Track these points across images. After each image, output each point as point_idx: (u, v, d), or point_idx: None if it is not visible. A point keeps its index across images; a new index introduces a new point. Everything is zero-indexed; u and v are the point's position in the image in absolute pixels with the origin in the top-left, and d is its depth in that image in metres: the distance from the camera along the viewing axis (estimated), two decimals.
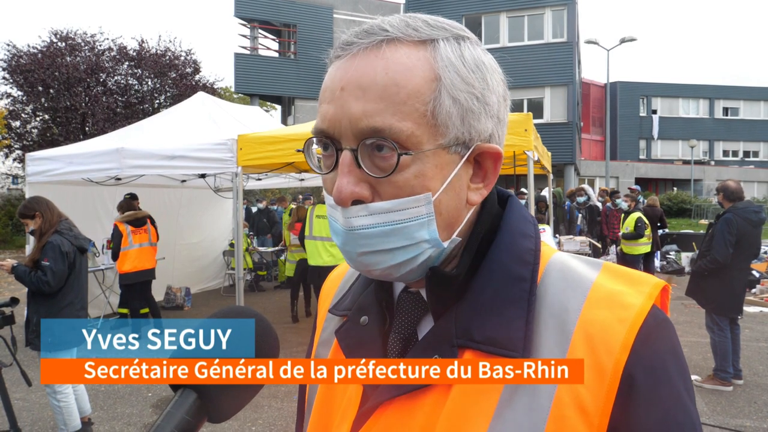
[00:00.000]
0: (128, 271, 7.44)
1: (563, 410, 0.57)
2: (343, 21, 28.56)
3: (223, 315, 0.65)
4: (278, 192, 17.42)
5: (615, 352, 0.58)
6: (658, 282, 0.64)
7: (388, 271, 0.65)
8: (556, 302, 0.63)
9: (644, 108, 38.08)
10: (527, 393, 0.59)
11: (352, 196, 0.62)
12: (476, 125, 0.64)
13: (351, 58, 0.63)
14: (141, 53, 21.64)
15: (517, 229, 0.69)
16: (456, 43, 0.64)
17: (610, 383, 0.57)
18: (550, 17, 24.34)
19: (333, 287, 0.89)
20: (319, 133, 0.65)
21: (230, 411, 0.62)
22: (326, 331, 0.82)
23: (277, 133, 6.49)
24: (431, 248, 0.64)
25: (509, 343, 0.61)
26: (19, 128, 20.94)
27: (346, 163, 0.62)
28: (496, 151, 0.67)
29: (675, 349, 0.62)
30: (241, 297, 6.74)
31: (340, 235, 0.65)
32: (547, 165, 8.34)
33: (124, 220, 7.45)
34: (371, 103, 0.60)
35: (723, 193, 5.43)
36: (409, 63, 0.61)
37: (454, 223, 0.66)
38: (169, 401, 0.59)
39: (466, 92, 0.63)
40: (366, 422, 0.66)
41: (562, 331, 0.61)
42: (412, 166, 0.61)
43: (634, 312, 0.60)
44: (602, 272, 0.66)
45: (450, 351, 0.63)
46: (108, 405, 5.20)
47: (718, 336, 5.39)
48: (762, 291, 10.11)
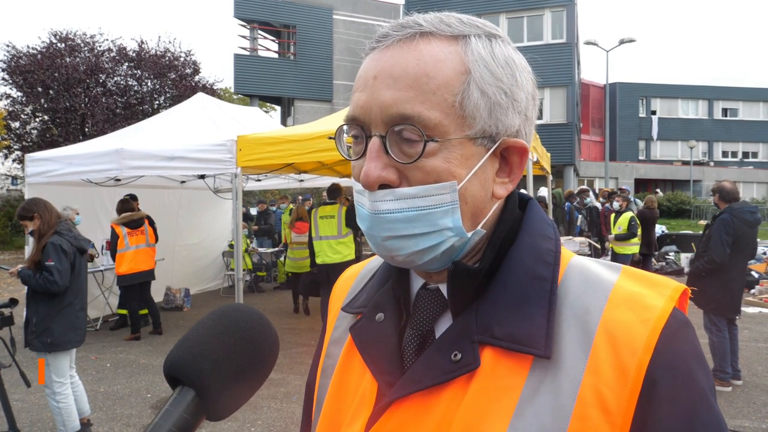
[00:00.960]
0: (125, 272, 7.45)
1: (586, 409, 0.57)
2: (342, 22, 28.60)
3: (221, 313, 0.65)
4: (278, 193, 17.41)
5: (638, 352, 0.58)
6: (678, 285, 0.65)
7: (411, 258, 0.66)
8: (578, 302, 0.63)
9: (643, 109, 38.11)
10: (550, 391, 0.59)
11: (379, 179, 0.63)
12: (503, 119, 0.66)
13: (385, 49, 0.65)
14: (140, 54, 21.64)
15: (538, 231, 0.70)
16: (487, 40, 0.66)
17: (633, 383, 0.57)
18: (550, 18, 24.36)
19: (346, 286, 0.89)
20: (351, 120, 0.67)
21: (229, 409, 0.62)
22: (338, 330, 0.82)
23: (276, 134, 6.49)
24: (454, 237, 0.65)
25: (531, 340, 0.61)
26: (18, 129, 20.93)
27: (375, 149, 0.63)
28: (523, 146, 0.68)
29: (697, 350, 0.62)
30: (240, 298, 6.74)
31: (366, 219, 0.66)
32: (547, 166, 8.35)
33: (121, 222, 7.45)
34: (402, 92, 0.62)
35: (719, 194, 5.45)
36: (441, 55, 0.63)
37: (478, 214, 0.67)
38: (167, 399, 0.59)
39: (495, 86, 0.64)
40: (380, 418, 0.66)
41: (585, 331, 0.61)
42: (438, 154, 0.63)
43: (657, 313, 0.60)
44: (622, 275, 0.67)
45: (470, 347, 0.63)
46: (107, 406, 5.20)
47: (716, 336, 5.39)
48: (761, 292, 10.11)
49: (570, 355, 0.60)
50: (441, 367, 0.64)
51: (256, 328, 0.64)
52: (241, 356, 0.62)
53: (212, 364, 0.59)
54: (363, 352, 0.73)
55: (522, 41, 24.74)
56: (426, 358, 0.66)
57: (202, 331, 0.62)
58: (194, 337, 0.62)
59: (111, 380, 5.90)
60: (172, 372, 0.60)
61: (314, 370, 0.85)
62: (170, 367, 0.60)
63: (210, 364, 0.59)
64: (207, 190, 9.15)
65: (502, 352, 0.62)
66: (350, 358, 0.77)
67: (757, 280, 10.62)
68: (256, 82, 27.21)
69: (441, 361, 0.64)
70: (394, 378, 0.68)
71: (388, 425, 0.65)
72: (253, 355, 0.63)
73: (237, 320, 0.64)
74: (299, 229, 8.71)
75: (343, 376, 0.76)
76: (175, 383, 0.60)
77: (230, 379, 0.61)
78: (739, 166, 37.58)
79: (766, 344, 7.01)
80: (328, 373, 0.79)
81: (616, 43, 23.92)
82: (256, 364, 0.63)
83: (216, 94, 22.60)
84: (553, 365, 0.60)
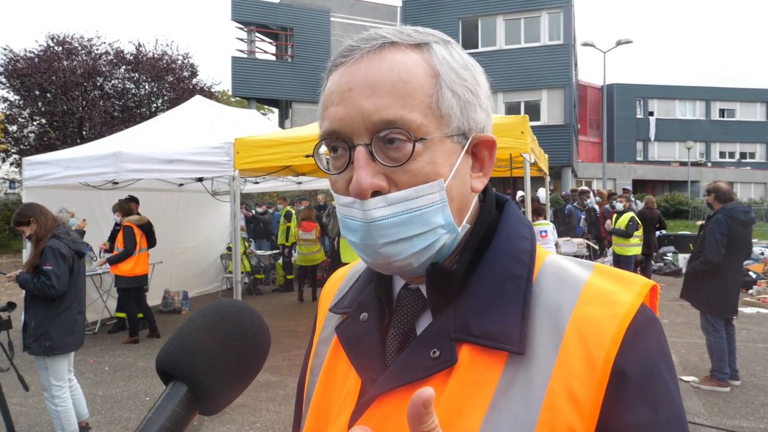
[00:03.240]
0: (139, 274, 7.50)
1: (556, 400, 0.60)
2: (339, 24, 28.61)
3: (213, 309, 0.65)
4: (275, 195, 17.41)
5: (606, 345, 0.61)
6: (647, 282, 0.67)
7: (409, 261, 0.67)
8: (551, 300, 0.66)
9: (641, 110, 38.16)
10: (522, 385, 0.61)
11: (371, 187, 0.65)
12: (473, 116, 0.70)
13: (355, 62, 0.67)
14: (138, 57, 21.63)
15: (514, 231, 0.73)
16: (445, 45, 0.70)
17: (601, 375, 0.60)
18: (547, 20, 24.39)
19: (334, 288, 0.92)
20: (330, 135, 0.68)
21: (221, 403, 0.62)
22: (326, 330, 0.85)
23: (274, 137, 6.50)
24: (446, 233, 0.68)
25: (506, 337, 0.63)
26: (16, 132, 20.89)
27: (362, 158, 0.65)
28: (491, 140, 0.73)
29: (662, 346, 0.64)
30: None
31: (359, 230, 0.67)
32: (544, 167, 8.35)
33: (137, 224, 7.47)
34: (382, 98, 0.64)
35: (714, 194, 5.46)
36: (411, 62, 0.66)
37: (463, 209, 0.70)
38: (160, 395, 0.59)
39: (462, 86, 0.68)
40: (364, 413, 0.68)
41: (556, 327, 0.63)
42: (424, 154, 0.65)
43: (625, 309, 0.63)
44: (594, 273, 0.69)
45: (448, 345, 0.65)
46: (106, 409, 5.19)
47: (713, 337, 5.40)
48: (759, 292, 10.13)
49: (542, 350, 0.62)
50: (420, 364, 0.66)
51: (247, 323, 0.65)
52: (233, 351, 0.62)
53: (204, 359, 0.60)
54: (348, 350, 0.75)
55: (519, 43, 24.79)
56: (406, 355, 0.68)
57: (194, 326, 0.63)
58: (186, 332, 0.62)
59: (109, 383, 5.89)
60: (165, 367, 0.60)
61: (304, 369, 0.87)
62: (162, 362, 0.60)
63: (202, 359, 0.60)
64: (205, 193, 9.14)
65: (479, 349, 0.65)
66: (336, 356, 0.79)
67: (755, 280, 10.63)
68: (253, 84, 27.20)
69: (420, 358, 0.66)
70: (377, 375, 0.70)
71: (372, 420, 0.67)
72: (245, 349, 0.64)
73: (228, 315, 0.64)
74: (306, 228, 9.87)
75: (329, 374, 0.79)
76: (167, 378, 0.60)
77: (222, 374, 0.61)
78: (736, 166, 37.64)
79: (764, 344, 7.02)
80: (316, 371, 0.82)
81: (613, 44, 23.95)
82: (248, 359, 0.64)
83: (214, 97, 22.57)
84: (527, 360, 0.62)
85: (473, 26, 25.31)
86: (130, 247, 7.31)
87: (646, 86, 38.37)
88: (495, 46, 24.99)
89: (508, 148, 5.44)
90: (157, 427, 0.56)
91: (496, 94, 24.56)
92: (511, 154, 6.33)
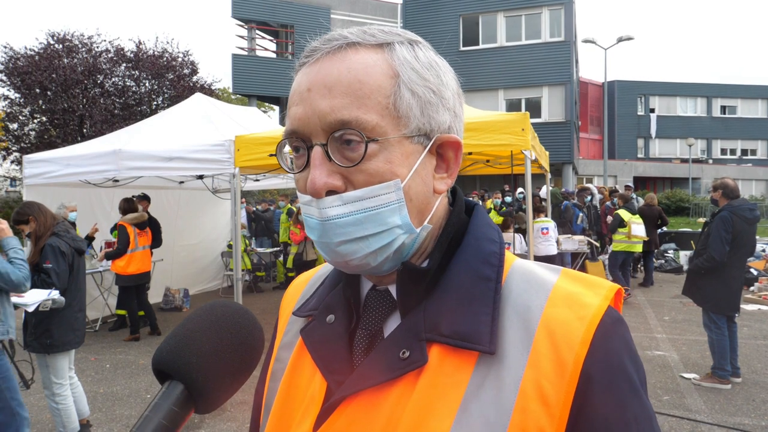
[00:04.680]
0: (133, 273, 7.49)
1: (527, 402, 0.60)
2: (340, 21, 28.57)
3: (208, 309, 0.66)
4: (276, 192, 17.42)
5: (575, 347, 0.61)
6: (612, 285, 0.69)
7: (366, 260, 0.67)
8: (520, 301, 0.67)
9: (642, 107, 38.13)
10: (493, 386, 0.62)
11: (325, 186, 0.65)
12: (435, 116, 0.69)
13: (315, 63, 0.67)
14: (138, 55, 21.63)
15: (483, 234, 0.74)
16: (410, 45, 0.70)
17: (571, 377, 0.60)
18: (548, 17, 24.35)
19: (297, 292, 0.90)
20: (290, 134, 0.69)
21: (217, 402, 0.63)
22: (289, 334, 0.84)
23: (274, 134, 6.49)
24: (404, 234, 0.67)
25: (476, 337, 0.63)
26: (16, 130, 20.92)
27: (318, 157, 0.65)
28: (456, 141, 0.72)
29: (629, 346, 0.65)
30: (239, 298, 6.74)
31: (317, 228, 0.68)
32: (545, 164, 8.34)
33: (132, 222, 7.47)
34: (337, 99, 0.64)
35: (722, 191, 5.41)
36: (370, 62, 0.66)
37: (424, 210, 0.70)
38: (157, 393, 0.60)
39: (423, 86, 0.68)
40: (330, 417, 0.67)
41: (526, 328, 0.64)
42: (379, 155, 0.65)
43: (593, 311, 0.64)
44: (562, 276, 0.71)
45: (418, 345, 0.65)
46: (106, 407, 5.20)
47: (715, 334, 5.40)
48: (760, 289, 10.13)
49: (512, 351, 0.63)
50: (389, 364, 0.65)
51: (241, 323, 0.66)
52: (228, 350, 0.63)
53: (200, 359, 0.61)
54: (313, 352, 0.74)
55: (520, 40, 24.75)
56: (375, 355, 0.68)
57: (190, 326, 0.64)
58: (182, 332, 0.63)
59: (110, 381, 5.90)
60: (161, 366, 0.61)
61: (263, 376, 0.85)
62: (159, 361, 0.61)
63: (197, 358, 0.61)
64: (205, 191, 9.13)
65: (449, 349, 0.65)
66: (300, 360, 0.78)
67: (756, 277, 10.63)
68: (254, 82, 27.17)
69: (389, 359, 0.66)
70: (343, 377, 0.69)
71: (337, 423, 0.66)
72: (240, 349, 0.65)
73: (223, 315, 0.65)
74: None
75: (292, 378, 0.77)
76: (163, 378, 0.61)
77: (218, 373, 0.62)
78: (737, 163, 37.60)
79: (765, 341, 7.02)
80: (278, 377, 0.80)
81: (615, 41, 23.92)
82: (242, 358, 0.65)
83: (214, 95, 22.60)
84: (497, 361, 0.63)
85: (474, 23, 25.26)
86: (121, 247, 7.33)
87: (647, 83, 38.32)
88: (496, 43, 24.96)
89: (508, 145, 5.41)
90: (154, 425, 0.57)
91: (496, 91, 24.60)
92: (512, 151, 6.31)
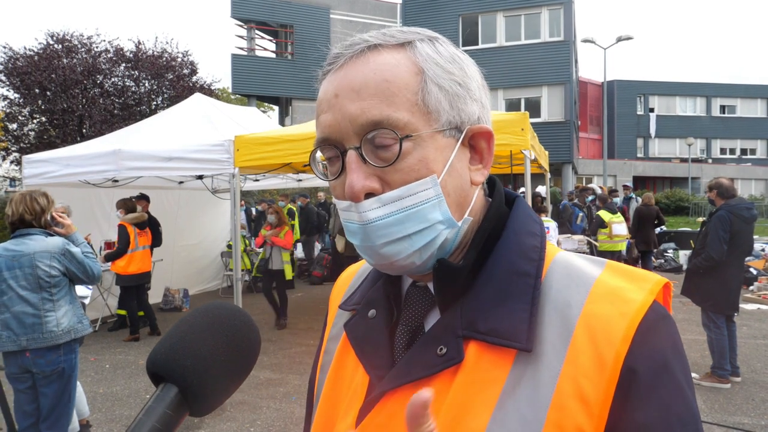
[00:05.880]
0: (133, 272, 7.49)
1: (564, 400, 0.59)
2: (339, 21, 28.56)
3: (203, 311, 0.65)
4: (276, 192, 17.41)
5: (616, 343, 0.60)
6: (660, 279, 0.66)
7: (411, 260, 0.67)
8: (560, 297, 0.65)
9: (641, 106, 38.12)
10: (530, 384, 0.61)
11: (364, 189, 0.65)
12: (464, 108, 0.69)
13: (339, 69, 0.68)
14: (138, 55, 21.58)
15: (524, 228, 0.72)
16: (430, 42, 0.70)
17: (611, 374, 0.59)
18: (547, 16, 24.35)
19: (344, 285, 0.92)
20: (322, 142, 0.69)
21: (211, 405, 0.62)
22: (336, 326, 0.85)
23: (274, 134, 6.49)
24: (446, 228, 0.67)
25: (513, 334, 0.63)
26: (16, 131, 20.87)
27: (353, 161, 0.65)
28: (487, 131, 0.72)
29: (675, 344, 0.63)
30: (239, 298, 6.74)
31: (358, 233, 0.68)
32: (545, 164, 8.35)
33: (132, 222, 7.47)
34: (366, 101, 0.64)
35: (717, 191, 5.43)
36: (393, 61, 0.66)
37: (463, 203, 0.70)
38: (151, 396, 0.59)
39: (449, 80, 0.68)
40: (371, 411, 0.68)
41: (565, 325, 0.63)
42: (413, 152, 0.65)
43: (636, 306, 0.62)
44: (606, 270, 0.69)
45: (455, 342, 0.65)
46: (106, 407, 5.19)
47: (714, 333, 5.40)
48: (759, 288, 10.13)
49: (550, 348, 0.62)
50: (427, 361, 0.65)
51: (237, 325, 0.65)
52: (223, 353, 0.62)
53: (195, 361, 0.60)
54: (356, 347, 0.75)
55: (519, 39, 24.74)
56: (413, 352, 0.68)
57: (184, 328, 0.63)
58: (176, 334, 0.62)
59: (110, 381, 5.89)
60: (155, 369, 0.60)
61: (315, 366, 0.88)
62: (153, 364, 0.60)
63: (192, 360, 0.60)
64: (205, 191, 9.13)
65: (486, 346, 0.64)
66: (345, 353, 0.79)
67: (756, 276, 10.63)
68: (253, 82, 27.16)
69: (427, 355, 0.66)
70: (384, 372, 0.70)
71: (379, 417, 0.67)
72: (236, 351, 0.64)
73: (219, 317, 0.64)
74: None
75: (338, 371, 0.79)
76: (158, 380, 0.60)
77: (213, 376, 0.61)
78: (737, 163, 37.59)
79: (764, 341, 7.02)
80: (326, 368, 0.82)
81: (614, 40, 23.90)
82: (238, 361, 0.64)
83: (213, 95, 22.56)
84: (534, 358, 0.62)
85: (473, 23, 25.25)
86: (121, 247, 7.33)
87: (646, 83, 38.31)
88: (495, 42, 24.95)
89: (508, 145, 5.43)
90: (147, 429, 0.56)
91: (496, 91, 24.57)
92: (511, 151, 6.32)
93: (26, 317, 3.37)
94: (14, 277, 3.35)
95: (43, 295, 3.41)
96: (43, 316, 3.40)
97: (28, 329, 3.37)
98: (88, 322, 3.74)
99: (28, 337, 3.37)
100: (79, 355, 3.68)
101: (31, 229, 3.46)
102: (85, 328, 3.63)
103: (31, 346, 3.37)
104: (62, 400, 3.53)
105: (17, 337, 3.36)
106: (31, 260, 3.37)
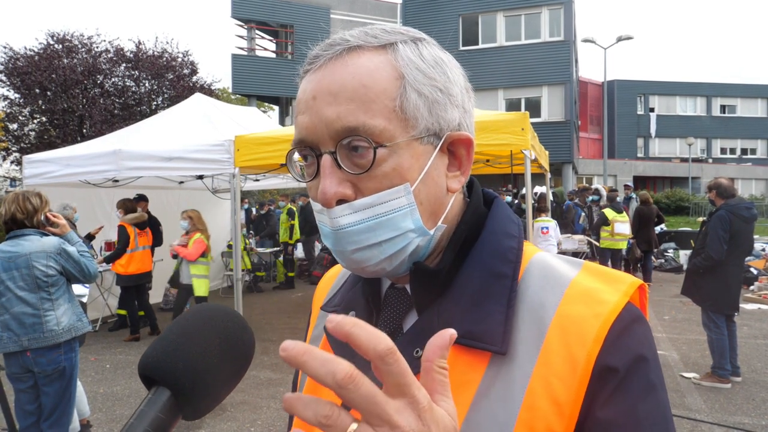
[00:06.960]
0: (134, 272, 7.49)
1: (536, 400, 0.59)
2: (340, 21, 28.55)
3: (196, 312, 0.65)
4: (276, 192, 17.41)
5: (588, 344, 0.60)
6: (635, 281, 0.66)
7: (381, 266, 0.67)
8: (535, 299, 0.65)
9: (642, 106, 38.11)
10: (503, 385, 0.61)
11: (336, 195, 0.64)
12: (444, 115, 0.67)
13: (318, 69, 0.67)
14: (138, 55, 21.60)
15: (501, 229, 0.72)
16: (414, 44, 0.68)
17: (582, 375, 0.59)
18: (547, 16, 24.34)
19: (327, 286, 0.92)
20: (299, 144, 0.68)
21: (205, 408, 0.61)
22: (318, 328, 0.86)
23: (274, 134, 6.49)
24: (418, 237, 0.67)
25: (488, 337, 0.63)
26: (16, 131, 20.89)
27: (327, 166, 0.64)
28: (467, 138, 0.70)
29: (649, 345, 0.63)
30: (239, 298, 6.74)
31: (330, 237, 0.68)
32: (545, 164, 8.34)
33: (132, 222, 7.47)
34: (343, 106, 0.63)
35: (716, 191, 5.44)
36: (372, 65, 0.65)
37: (437, 211, 0.69)
38: (143, 400, 0.58)
39: (430, 85, 0.66)
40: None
41: (539, 326, 0.63)
42: (388, 160, 0.64)
43: (609, 307, 0.62)
44: (582, 271, 0.69)
45: None
46: (107, 407, 5.20)
47: (715, 333, 5.40)
48: (760, 288, 10.13)
49: (524, 349, 0.62)
50: None
51: (231, 327, 0.64)
52: (216, 355, 0.61)
53: (186, 363, 0.59)
54: (335, 348, 0.74)
55: (520, 39, 24.74)
56: None
57: (177, 330, 0.62)
58: (169, 336, 0.61)
59: (110, 381, 5.90)
60: (147, 372, 0.59)
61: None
62: (144, 367, 0.59)
63: (184, 363, 0.59)
64: (205, 191, 9.13)
65: (462, 349, 0.64)
66: None
67: (756, 276, 10.64)
68: (253, 82, 27.15)
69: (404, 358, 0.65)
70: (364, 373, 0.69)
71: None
72: (229, 354, 0.62)
73: (212, 319, 0.63)
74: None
75: None
76: (150, 383, 0.59)
77: (205, 379, 0.60)
78: (737, 162, 37.58)
79: (765, 341, 7.02)
80: None
81: (614, 40, 23.90)
82: (231, 363, 0.63)
83: (214, 95, 22.56)
84: (509, 360, 0.62)
85: (473, 23, 25.25)
86: (120, 247, 7.33)
87: (646, 82, 38.31)
88: (495, 42, 24.95)
89: (508, 145, 5.42)
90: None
91: (496, 91, 24.59)
92: (511, 150, 6.31)
93: (26, 317, 3.37)
94: (11, 279, 3.35)
95: (41, 295, 3.41)
96: (42, 315, 3.41)
97: (28, 329, 3.38)
98: (87, 320, 3.74)
99: (29, 337, 3.37)
100: (79, 354, 3.69)
101: (26, 229, 3.46)
102: (84, 325, 3.64)
103: (32, 345, 3.38)
104: (64, 398, 3.54)
105: (18, 338, 3.37)
106: (27, 261, 3.37)
